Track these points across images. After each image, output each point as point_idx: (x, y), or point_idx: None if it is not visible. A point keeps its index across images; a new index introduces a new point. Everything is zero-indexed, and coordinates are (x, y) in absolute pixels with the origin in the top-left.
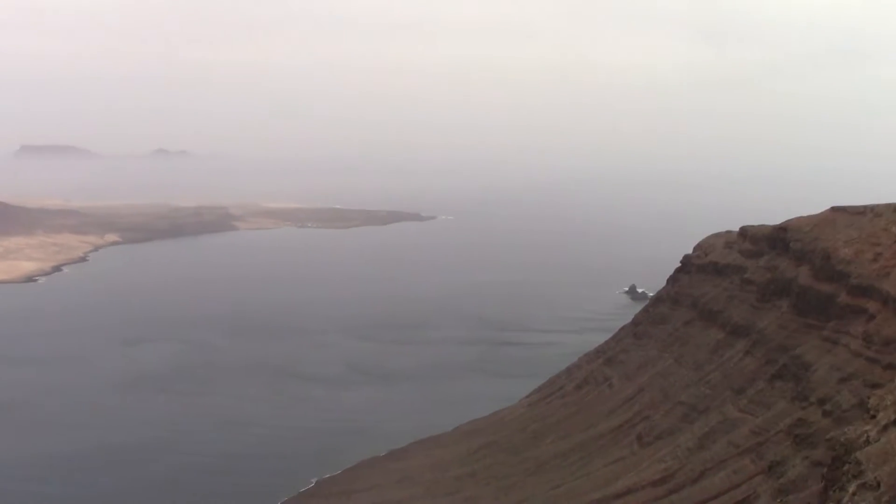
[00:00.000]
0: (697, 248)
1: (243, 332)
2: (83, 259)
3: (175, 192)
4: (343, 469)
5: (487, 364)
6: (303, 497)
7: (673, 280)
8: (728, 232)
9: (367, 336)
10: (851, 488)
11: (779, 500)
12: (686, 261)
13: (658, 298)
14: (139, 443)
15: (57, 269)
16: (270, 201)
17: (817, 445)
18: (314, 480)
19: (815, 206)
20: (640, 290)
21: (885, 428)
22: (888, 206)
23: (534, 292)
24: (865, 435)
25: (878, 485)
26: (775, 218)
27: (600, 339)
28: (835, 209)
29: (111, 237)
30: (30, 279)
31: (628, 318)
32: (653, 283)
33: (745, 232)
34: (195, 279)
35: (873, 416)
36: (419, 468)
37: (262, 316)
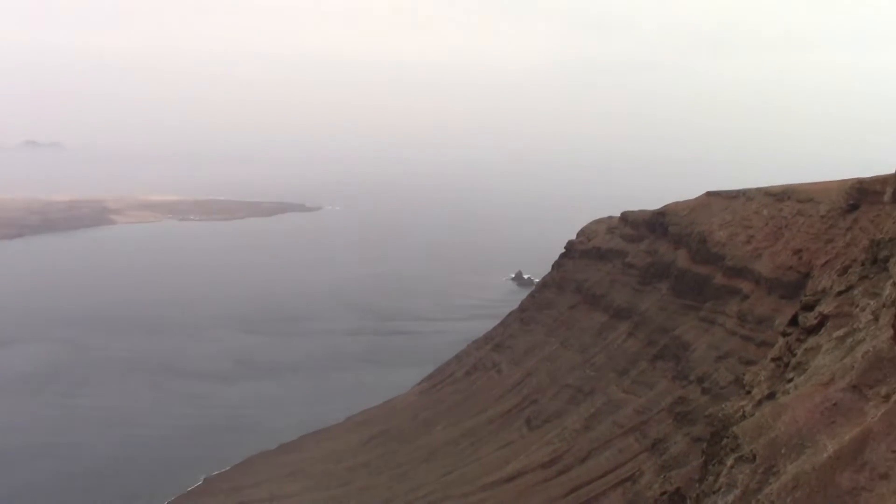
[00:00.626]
0: (581, 233)
1: (122, 329)
2: None
3: (47, 185)
4: (232, 465)
5: (377, 354)
6: (191, 495)
7: (558, 266)
8: (610, 217)
9: (253, 329)
10: (729, 462)
11: (662, 477)
12: (570, 246)
13: (543, 284)
14: (14, 449)
15: None
16: (151, 194)
17: (697, 422)
18: (202, 478)
19: (692, 191)
20: (526, 277)
21: (760, 402)
22: (759, 190)
23: (421, 281)
24: (741, 410)
25: (754, 457)
26: (656, 203)
27: (488, 325)
28: (710, 194)
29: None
30: None
31: (515, 304)
32: (539, 269)
33: (625, 217)
34: (70, 276)
35: (748, 392)
36: (310, 461)
37: (141, 312)
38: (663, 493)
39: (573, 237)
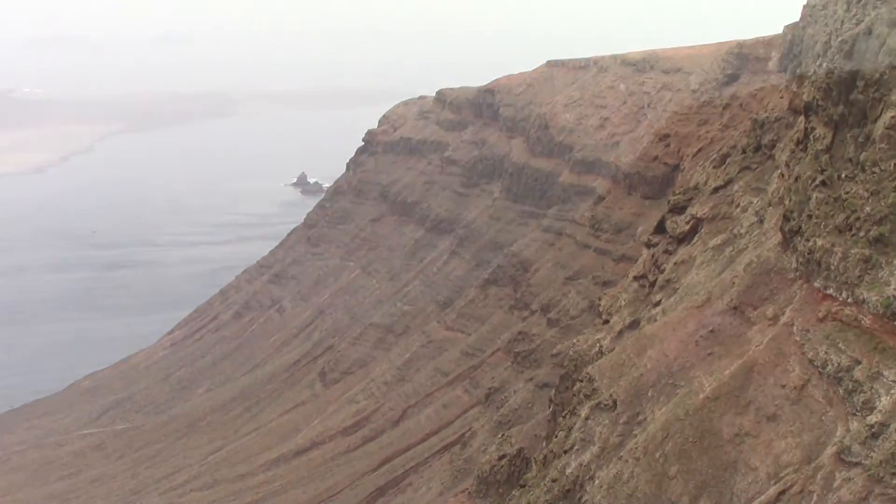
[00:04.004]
0: (383, 120)
1: None
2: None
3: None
4: None
5: (103, 296)
6: None
7: (354, 164)
8: (422, 98)
9: None
10: (584, 411)
11: (500, 436)
12: (370, 138)
13: (336, 190)
14: None
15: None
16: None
17: (542, 364)
18: None
19: (530, 63)
20: (312, 181)
21: (621, 334)
22: (614, 58)
23: (161, 196)
24: (598, 345)
25: (615, 404)
26: (482, 79)
27: (263, 249)
28: (551, 63)
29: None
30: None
31: (300, 219)
32: (329, 171)
33: (442, 97)
34: None
35: (606, 322)
36: (19, 446)
37: None
38: (502, 458)
39: (374, 126)
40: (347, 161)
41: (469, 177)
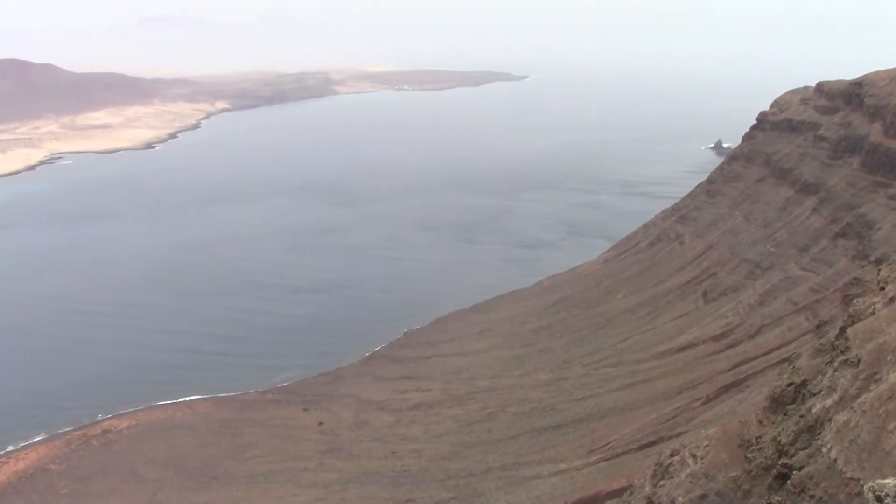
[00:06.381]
0: (774, 104)
1: (348, 195)
2: (196, 126)
3: (280, 58)
4: (429, 322)
5: (574, 221)
6: (393, 347)
7: (748, 137)
8: (806, 88)
9: (477, 189)
10: (836, 364)
11: (790, 367)
12: (762, 118)
13: (732, 156)
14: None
15: (173, 135)
16: (370, 65)
17: None
18: (404, 331)
19: None
20: (725, 146)
21: (891, 301)
22: None
23: (619, 149)
24: (872, 307)
25: (859, 362)
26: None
27: (681, 194)
28: None
29: (221, 104)
30: (149, 146)
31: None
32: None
33: (821, 88)
34: (288, 145)
35: (882, 288)
36: (499, 320)
37: (360, 179)
38: (789, 385)
39: (766, 109)
40: (742, 134)
41: (834, 151)
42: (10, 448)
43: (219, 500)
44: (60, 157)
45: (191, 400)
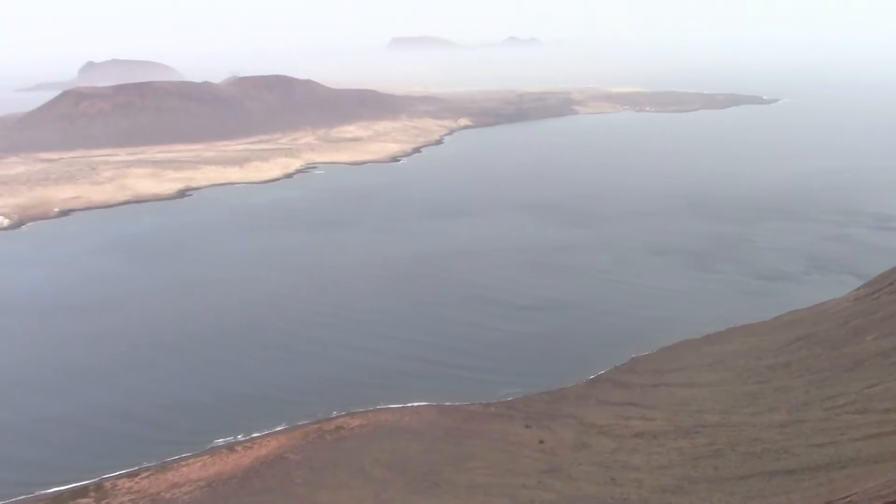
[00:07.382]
0: None
1: (581, 215)
2: (439, 142)
3: (523, 78)
4: (658, 349)
5: (820, 254)
6: (618, 371)
7: None
8: None
9: (713, 216)
10: None
11: None
12: None
13: None
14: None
15: (416, 150)
16: (611, 86)
17: None
18: (631, 356)
19: None
20: None
21: None
22: None
23: (876, 180)
24: None
25: None
26: None
27: None
28: None
29: (463, 121)
30: (394, 159)
31: None
32: None
33: None
34: (527, 162)
35: None
36: (732, 354)
37: (594, 199)
38: None
39: None
40: None
41: None
42: (255, 434)
43: None
44: (314, 167)
45: (417, 406)
